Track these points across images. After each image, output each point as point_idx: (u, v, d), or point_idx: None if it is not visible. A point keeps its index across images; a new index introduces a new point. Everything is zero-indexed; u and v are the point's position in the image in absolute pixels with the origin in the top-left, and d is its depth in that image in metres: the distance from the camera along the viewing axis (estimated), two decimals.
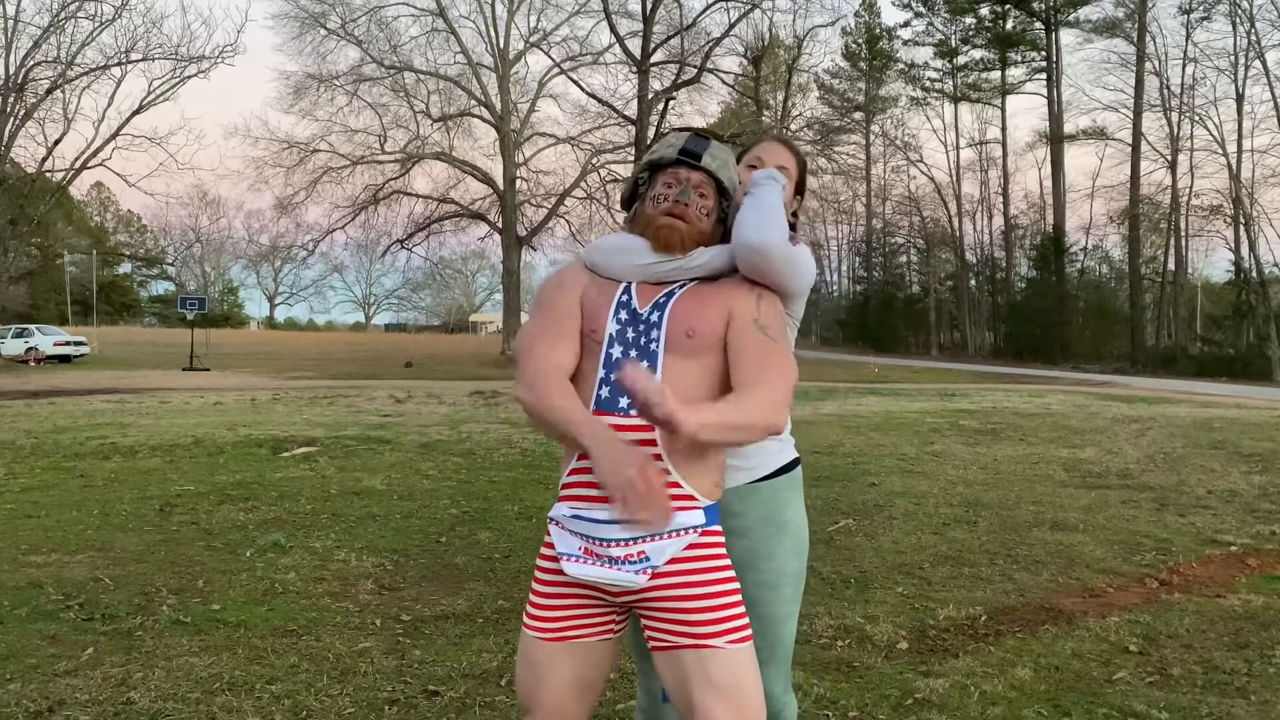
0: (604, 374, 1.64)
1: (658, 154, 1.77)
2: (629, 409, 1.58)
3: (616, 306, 1.70)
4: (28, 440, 9.33)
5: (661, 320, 1.66)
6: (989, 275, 52.68)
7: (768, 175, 1.84)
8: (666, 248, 1.70)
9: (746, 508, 1.87)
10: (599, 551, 1.58)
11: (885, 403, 15.88)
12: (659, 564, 1.57)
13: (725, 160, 1.77)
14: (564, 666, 1.64)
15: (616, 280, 1.75)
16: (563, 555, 1.62)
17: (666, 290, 1.71)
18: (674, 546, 1.58)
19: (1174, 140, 39.13)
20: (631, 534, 1.56)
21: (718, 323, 1.67)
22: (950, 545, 5.25)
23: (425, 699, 3.02)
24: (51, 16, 26.91)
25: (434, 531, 5.44)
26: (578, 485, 1.61)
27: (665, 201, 1.72)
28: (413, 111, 32.51)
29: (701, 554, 1.61)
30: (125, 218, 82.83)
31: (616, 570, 1.57)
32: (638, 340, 1.66)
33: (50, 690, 3.00)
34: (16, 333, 31.73)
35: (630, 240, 1.76)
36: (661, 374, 1.62)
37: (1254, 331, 35.61)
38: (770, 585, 1.89)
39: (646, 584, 1.58)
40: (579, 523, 1.59)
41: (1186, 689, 3.16)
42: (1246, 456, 9.26)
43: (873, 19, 55.14)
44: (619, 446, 1.51)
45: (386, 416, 12.39)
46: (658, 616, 1.62)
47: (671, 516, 1.56)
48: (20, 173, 28.42)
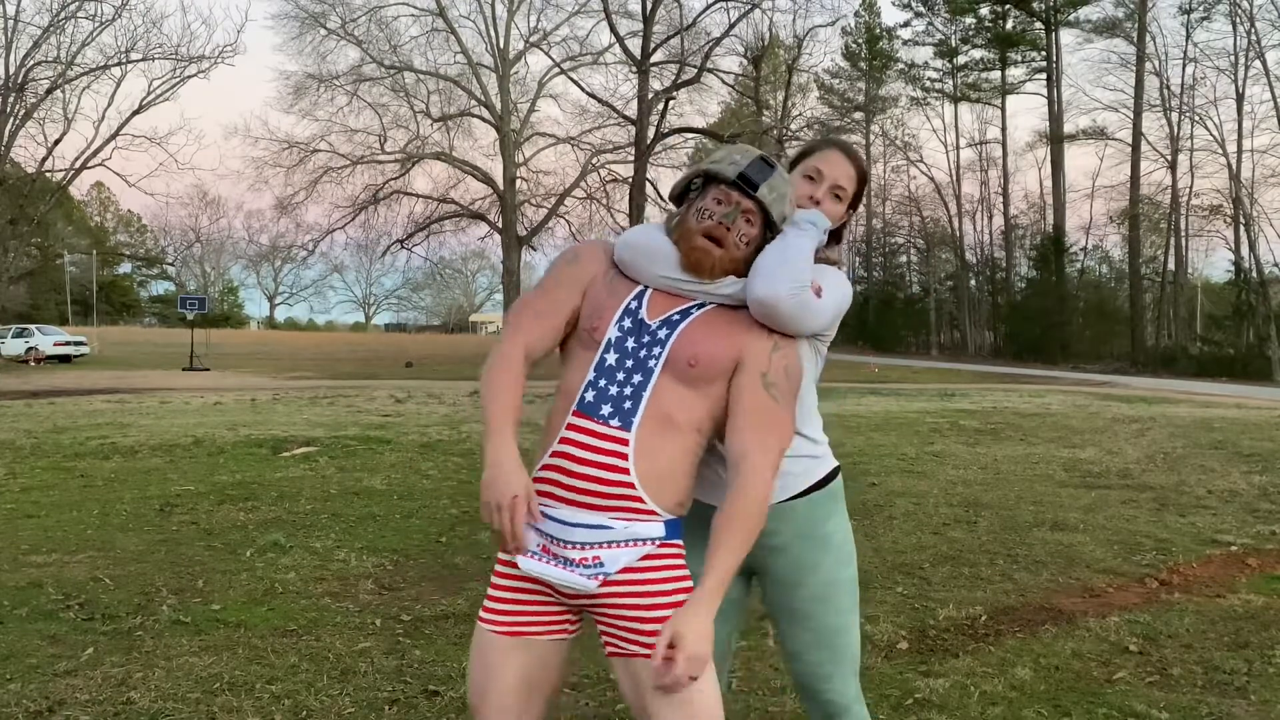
0: (593, 377, 1.62)
1: (718, 166, 1.69)
2: (609, 418, 1.58)
3: (623, 312, 1.66)
4: (28, 440, 9.33)
5: (668, 340, 1.62)
6: (989, 275, 52.68)
7: (810, 219, 1.77)
8: (695, 270, 1.66)
9: (780, 526, 1.82)
10: (556, 551, 1.59)
11: (885, 403, 15.88)
12: (611, 571, 1.57)
13: (782, 194, 1.70)
14: (514, 663, 1.64)
15: (634, 281, 1.71)
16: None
17: (682, 308, 1.67)
18: (629, 555, 1.58)
19: (1174, 140, 39.14)
20: (591, 539, 1.57)
21: (725, 358, 1.64)
22: (950, 545, 5.25)
23: (425, 699, 3.02)
24: (51, 16, 26.98)
25: (434, 531, 5.44)
26: (546, 482, 1.60)
27: (709, 219, 1.66)
28: (413, 111, 32.57)
29: (657, 564, 1.60)
30: (125, 218, 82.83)
31: (569, 571, 1.58)
32: (637, 352, 1.62)
33: (50, 690, 3.00)
34: (16, 333, 31.73)
35: (661, 245, 1.70)
36: (650, 393, 1.59)
37: (1254, 331, 35.61)
38: (820, 598, 1.86)
39: (598, 589, 1.58)
40: (544, 520, 1.60)
41: (1186, 689, 3.16)
42: (1246, 456, 9.26)
43: (873, 19, 55.12)
44: (505, 473, 1.52)
45: (386, 416, 12.39)
46: (611, 622, 1.62)
47: (519, 553, 1.58)
48: (20, 173, 28.45)
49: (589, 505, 1.57)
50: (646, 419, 1.58)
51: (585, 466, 1.57)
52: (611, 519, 1.57)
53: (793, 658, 1.90)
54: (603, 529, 1.57)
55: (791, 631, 1.88)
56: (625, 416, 1.58)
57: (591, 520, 1.57)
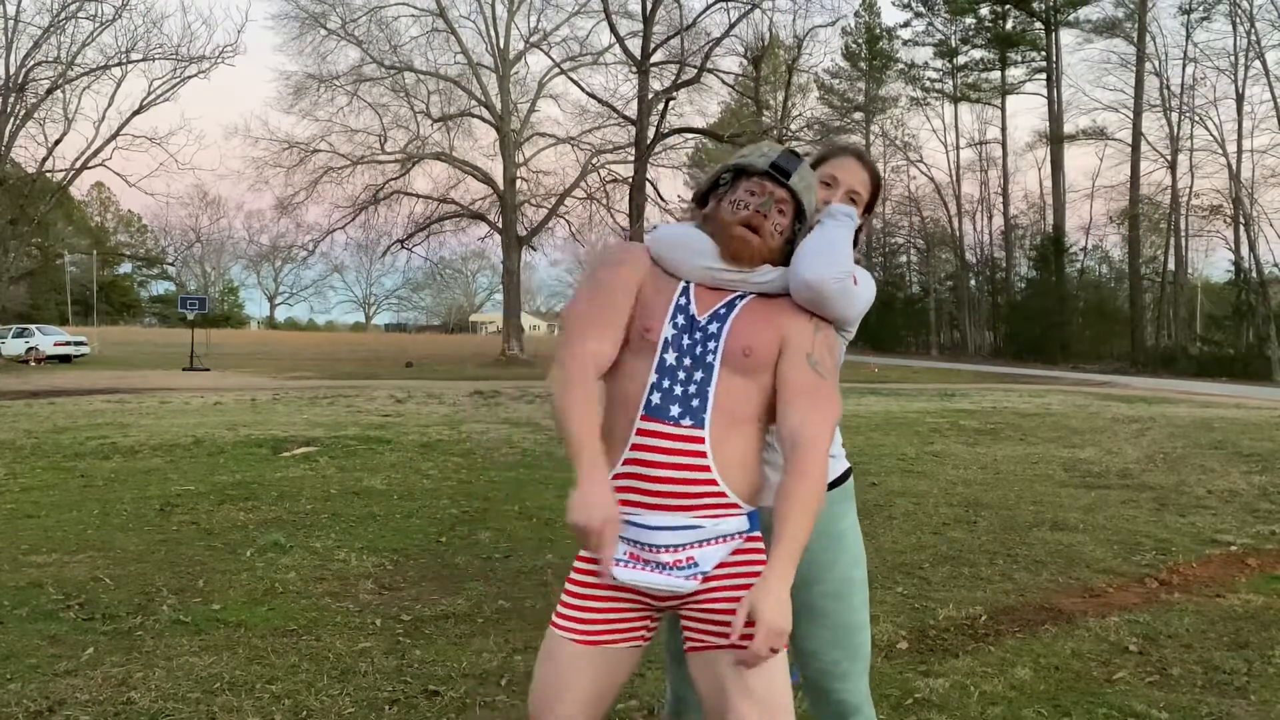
0: (656, 379, 1.61)
1: (748, 159, 1.72)
2: (679, 418, 1.59)
3: (674, 310, 1.67)
4: (28, 440, 9.33)
5: (721, 333, 1.64)
6: (989, 275, 52.68)
7: (846, 211, 1.81)
8: (735, 259, 1.68)
9: None
10: (647, 556, 1.59)
11: (885, 403, 15.89)
12: (707, 569, 1.59)
13: (810, 185, 1.74)
14: (588, 672, 1.61)
15: (674, 276, 1.72)
16: (609, 559, 1.60)
17: (726, 300, 1.69)
18: (721, 552, 1.60)
19: (1174, 140, 39.13)
20: (682, 540, 1.57)
21: (772, 344, 1.66)
22: (950, 545, 5.25)
23: (425, 699, 3.02)
24: (51, 16, 26.95)
25: (434, 531, 5.44)
26: (625, 490, 1.59)
27: (745, 210, 1.67)
28: (413, 111, 32.52)
29: (744, 559, 1.63)
30: (125, 218, 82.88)
31: (666, 575, 1.58)
32: (693, 349, 1.63)
33: (50, 690, 3.00)
34: (17, 333, 31.70)
35: (697, 238, 1.71)
36: (715, 388, 1.61)
37: (1254, 331, 35.60)
38: (837, 595, 1.89)
39: (695, 589, 1.60)
40: (625, 527, 1.59)
41: (1186, 689, 3.16)
42: (1246, 456, 9.26)
43: (873, 19, 55.12)
44: (597, 495, 1.52)
45: (386, 416, 12.39)
46: (698, 618, 1.62)
47: (607, 569, 1.59)
48: (20, 173, 28.43)
49: (674, 507, 1.57)
50: (715, 415, 1.59)
51: (665, 470, 1.57)
52: (698, 518, 1.58)
53: (809, 656, 1.92)
54: (693, 529, 1.58)
55: (808, 630, 1.90)
56: (696, 414, 1.59)
57: (679, 522, 1.57)
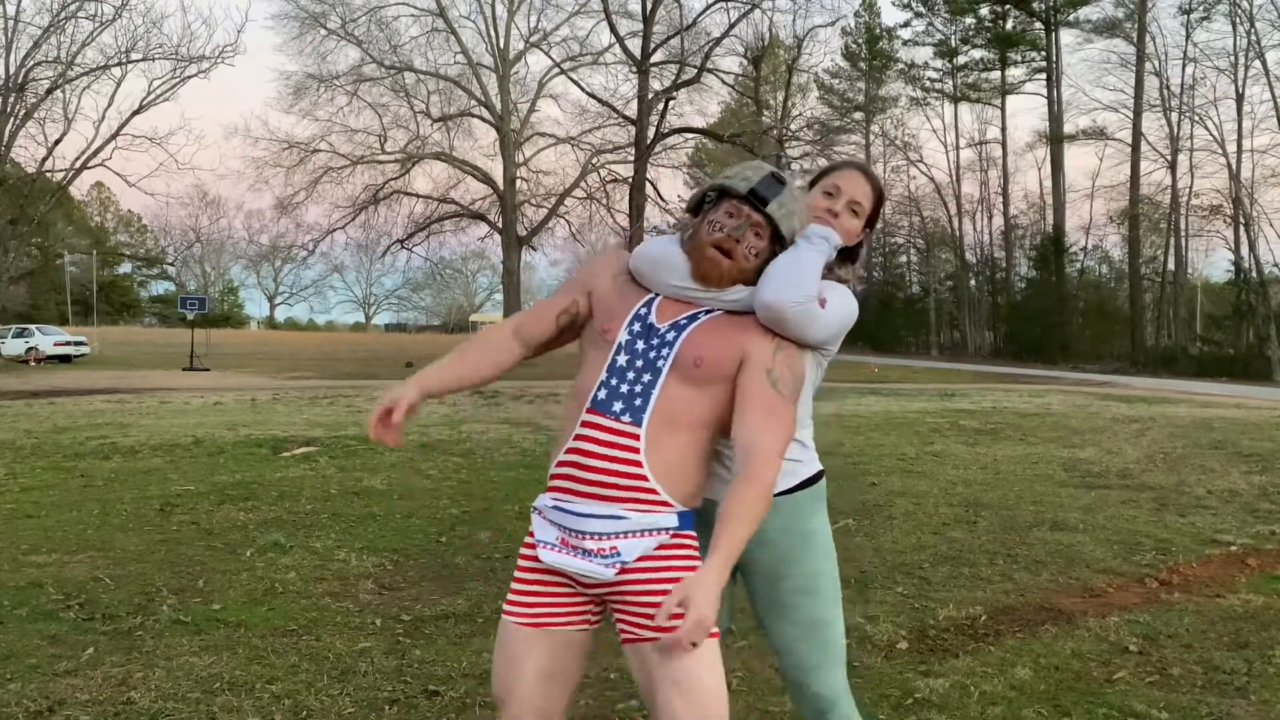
0: (605, 377, 1.71)
1: (731, 181, 1.78)
2: (620, 414, 1.66)
3: (633, 317, 1.76)
4: (28, 440, 9.33)
5: (675, 342, 1.71)
6: (989, 275, 52.66)
7: (822, 235, 1.83)
8: (704, 280, 1.75)
9: (767, 521, 1.83)
10: (574, 543, 1.67)
11: (885, 403, 15.88)
12: (628, 560, 1.65)
13: (791, 210, 1.78)
14: (537, 654, 1.71)
15: (645, 290, 1.81)
16: (540, 543, 1.71)
17: (690, 313, 1.76)
18: (645, 544, 1.66)
19: (1174, 140, 39.12)
20: (607, 529, 1.65)
21: (729, 359, 1.71)
22: (950, 545, 5.25)
23: (425, 699, 3.02)
24: (51, 16, 26.96)
25: (434, 531, 5.44)
26: (563, 477, 1.69)
27: (719, 231, 1.74)
28: (413, 111, 32.53)
29: (671, 553, 1.68)
30: (125, 218, 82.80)
31: (588, 561, 1.66)
32: (646, 353, 1.72)
33: (50, 690, 3.00)
34: (17, 333, 31.69)
35: (673, 256, 1.79)
36: (658, 393, 1.68)
37: (1254, 331, 35.59)
38: (805, 590, 1.91)
39: (615, 578, 1.66)
40: (558, 514, 1.69)
41: (1186, 689, 3.16)
42: (1246, 456, 9.26)
43: (873, 19, 55.09)
44: (393, 388, 1.75)
45: None
46: (627, 609, 1.69)
47: (380, 437, 1.75)
48: (20, 173, 28.43)
49: (604, 497, 1.65)
50: (655, 416, 1.66)
51: (599, 460, 1.65)
52: (626, 510, 1.65)
53: (781, 652, 1.95)
54: (618, 519, 1.65)
55: (778, 626, 1.93)
56: (636, 413, 1.66)
57: (606, 511, 1.65)
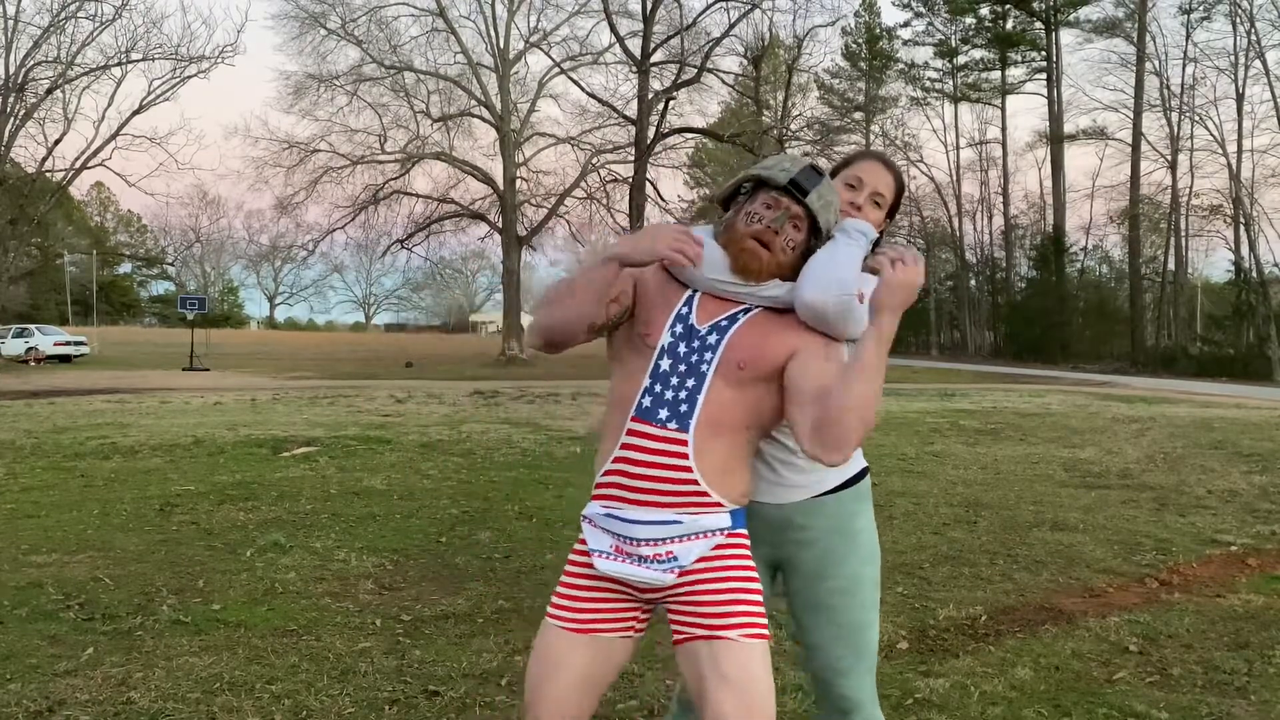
0: (649, 383, 1.66)
1: (769, 172, 1.71)
2: (666, 421, 1.63)
3: (675, 318, 1.70)
4: (28, 440, 9.33)
5: (719, 345, 1.67)
6: (989, 275, 52.65)
7: (859, 229, 1.81)
8: (744, 272, 1.69)
9: (811, 521, 1.88)
10: (629, 550, 1.64)
11: (885, 403, 15.88)
12: (686, 563, 1.63)
13: (829, 202, 1.73)
14: (580, 660, 1.67)
15: (682, 283, 1.74)
16: (594, 551, 1.67)
17: (730, 313, 1.70)
18: (701, 546, 1.64)
19: (1174, 140, 39.09)
20: (662, 535, 1.62)
21: (775, 357, 1.67)
22: (950, 545, 5.25)
23: (425, 699, 3.02)
24: (51, 16, 26.94)
25: (434, 531, 5.44)
26: (611, 485, 1.65)
27: (758, 223, 1.69)
28: (413, 111, 32.49)
29: (726, 554, 1.66)
30: (125, 218, 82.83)
31: (645, 568, 1.63)
32: (689, 357, 1.66)
33: (50, 690, 3.00)
34: (17, 333, 31.70)
35: (710, 249, 1.72)
36: (705, 397, 1.64)
37: (1254, 331, 35.56)
38: (846, 591, 1.90)
39: (674, 582, 1.64)
40: (611, 521, 1.65)
41: (1186, 689, 3.16)
42: (1246, 456, 9.26)
43: (873, 19, 55.05)
44: (641, 236, 1.65)
45: (386, 416, 12.39)
46: (681, 611, 1.67)
47: (690, 248, 1.64)
48: (20, 173, 28.41)
49: (656, 504, 1.62)
50: (701, 421, 1.63)
51: (649, 468, 1.62)
52: (679, 514, 1.62)
53: (813, 650, 1.93)
54: (672, 524, 1.62)
55: (815, 624, 1.92)
56: (682, 419, 1.62)
57: (660, 517, 1.62)
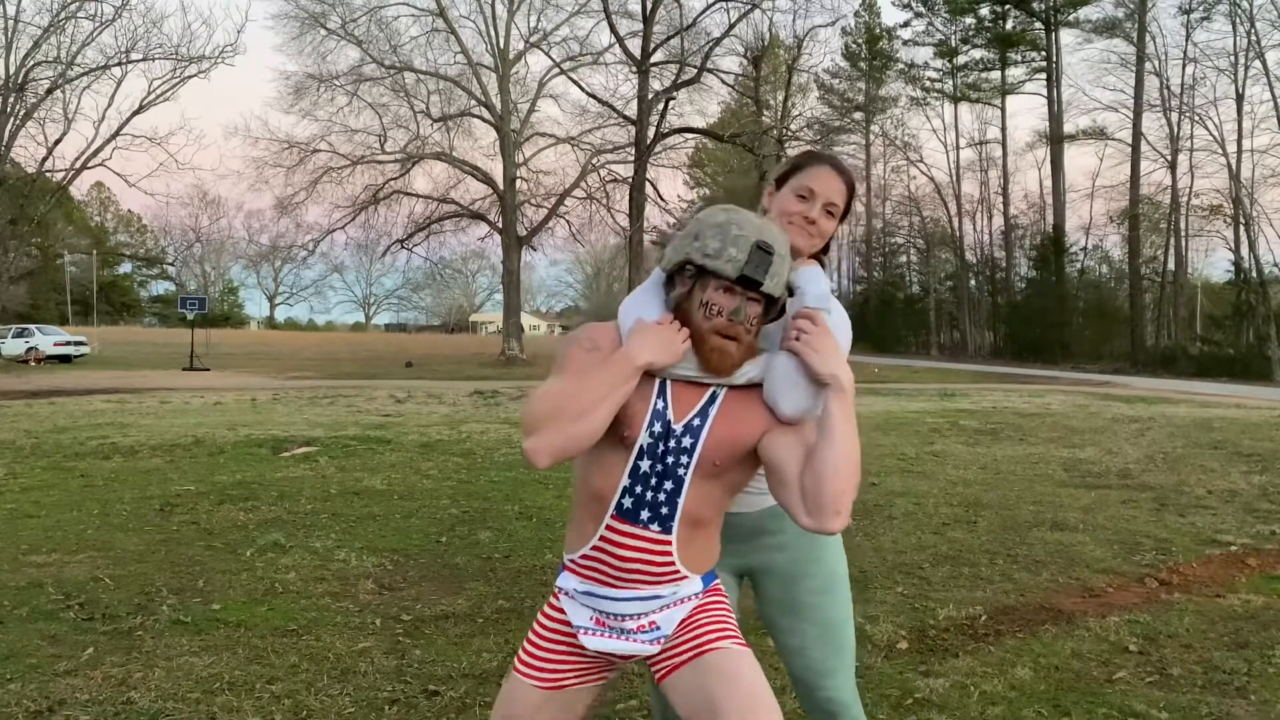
0: (629, 484, 1.63)
1: (715, 264, 1.59)
2: (648, 522, 1.63)
3: (652, 416, 1.63)
4: (28, 440, 9.33)
5: (694, 447, 1.63)
6: (989, 275, 52.63)
7: (821, 299, 1.72)
8: (717, 371, 1.63)
9: (783, 525, 1.89)
10: (612, 624, 1.68)
11: (885, 403, 15.88)
12: (669, 631, 1.67)
13: (781, 274, 1.63)
14: (546, 713, 1.70)
15: (649, 373, 1.64)
16: (579, 629, 1.70)
17: (701, 405, 1.65)
18: (681, 612, 1.69)
19: (1174, 140, 39.08)
20: (645, 609, 1.66)
21: (748, 442, 1.64)
22: (950, 545, 5.25)
23: (425, 699, 3.02)
24: (51, 16, 26.92)
25: (434, 531, 5.44)
26: (590, 569, 1.66)
27: (718, 315, 1.60)
28: (413, 111, 32.47)
29: (704, 607, 1.71)
30: (125, 218, 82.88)
31: (630, 642, 1.67)
32: (665, 458, 1.63)
33: (50, 690, 3.00)
34: (17, 333, 31.67)
35: (670, 335, 1.63)
36: (685, 498, 1.63)
37: (1254, 331, 35.54)
38: (824, 589, 1.92)
39: (658, 651, 1.68)
40: (590, 599, 1.68)
41: (1186, 689, 3.16)
42: (1246, 456, 9.26)
43: (873, 19, 55.09)
44: (651, 340, 1.62)
45: (386, 416, 12.39)
46: (665, 657, 1.69)
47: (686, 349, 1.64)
48: (20, 173, 28.39)
49: (637, 584, 1.65)
50: (682, 520, 1.65)
51: (631, 561, 1.64)
52: (658, 590, 1.66)
53: (794, 654, 1.93)
54: (654, 599, 1.66)
55: (795, 627, 1.91)
56: (664, 521, 1.64)
57: (641, 594, 1.66)
